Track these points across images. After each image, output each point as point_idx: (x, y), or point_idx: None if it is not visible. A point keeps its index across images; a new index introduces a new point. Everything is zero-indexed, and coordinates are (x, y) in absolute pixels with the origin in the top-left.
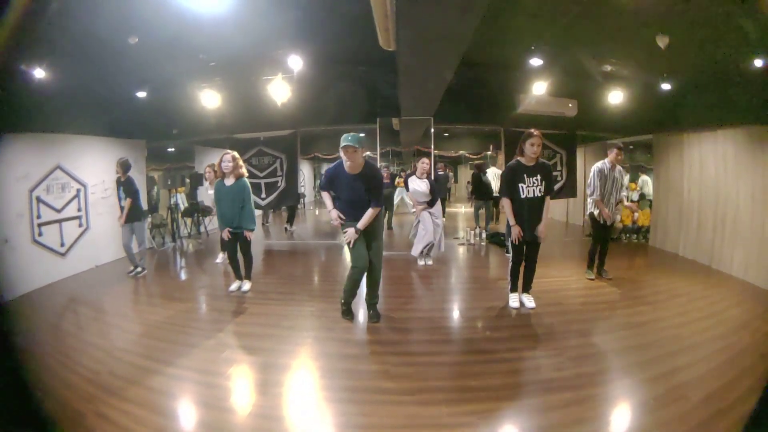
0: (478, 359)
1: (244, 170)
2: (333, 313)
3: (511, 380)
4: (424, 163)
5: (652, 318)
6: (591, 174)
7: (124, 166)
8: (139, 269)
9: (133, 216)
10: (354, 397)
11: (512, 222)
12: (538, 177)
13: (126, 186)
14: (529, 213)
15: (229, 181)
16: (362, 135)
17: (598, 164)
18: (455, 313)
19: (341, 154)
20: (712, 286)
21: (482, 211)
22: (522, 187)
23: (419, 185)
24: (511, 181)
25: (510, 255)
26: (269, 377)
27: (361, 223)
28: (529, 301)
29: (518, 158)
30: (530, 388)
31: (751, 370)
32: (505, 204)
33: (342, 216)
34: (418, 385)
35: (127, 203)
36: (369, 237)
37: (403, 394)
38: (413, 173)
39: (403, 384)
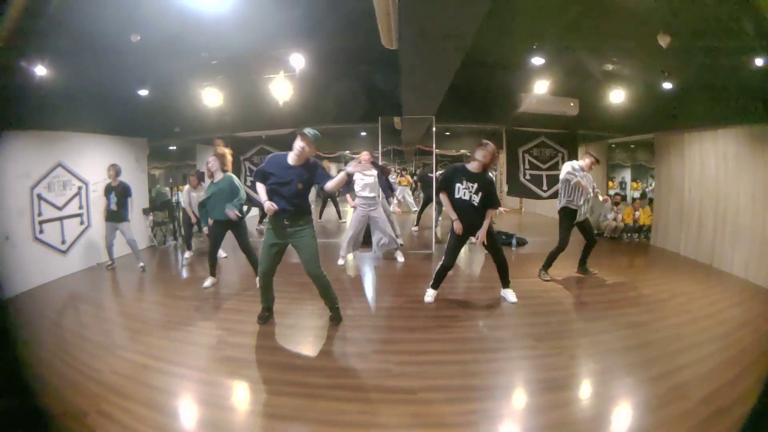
0: (479, 358)
1: (229, 166)
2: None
3: (513, 379)
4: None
5: (653, 317)
6: (563, 175)
7: (118, 171)
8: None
9: (121, 216)
10: (355, 395)
11: (453, 217)
12: (476, 185)
13: (120, 189)
14: (461, 214)
15: (218, 177)
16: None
17: (566, 166)
18: (457, 312)
19: (297, 142)
20: (713, 285)
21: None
22: (459, 187)
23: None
24: (449, 179)
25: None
26: (270, 375)
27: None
28: (511, 296)
29: (465, 163)
30: (532, 387)
31: (752, 369)
32: (443, 198)
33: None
34: (420, 383)
35: (115, 205)
36: (299, 240)
37: (404, 392)
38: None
39: (405, 383)
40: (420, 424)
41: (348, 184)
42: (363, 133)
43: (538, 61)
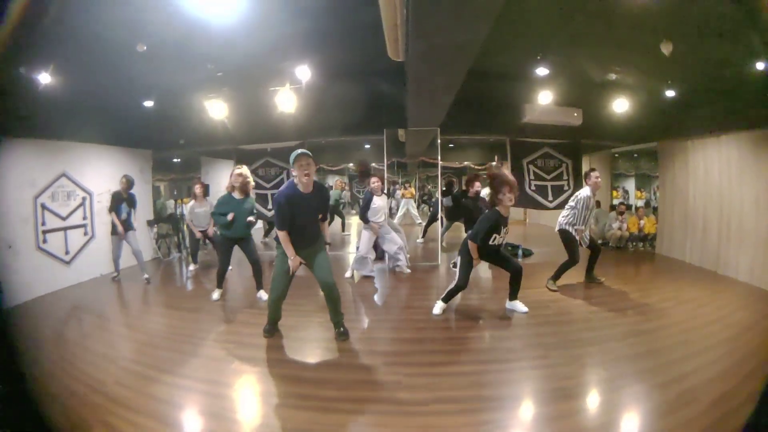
0: (490, 369)
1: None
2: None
3: (524, 389)
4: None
5: (660, 324)
6: (580, 202)
7: (131, 183)
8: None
9: (129, 226)
10: (367, 408)
11: (475, 256)
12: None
13: (130, 200)
14: (484, 253)
15: (238, 195)
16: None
17: (586, 193)
18: (466, 323)
19: (295, 171)
20: (719, 291)
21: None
22: (495, 236)
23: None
24: (490, 232)
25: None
26: (278, 388)
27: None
28: (521, 306)
29: (498, 208)
30: (543, 397)
31: (759, 371)
32: (473, 250)
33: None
34: (432, 395)
35: (126, 214)
36: (314, 254)
37: (416, 404)
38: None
39: (417, 394)
40: None
41: (365, 208)
42: (367, 146)
43: (542, 71)
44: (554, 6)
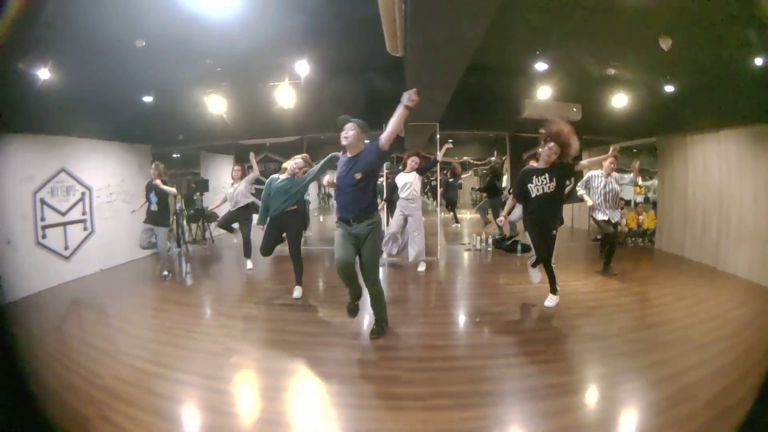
0: (488, 364)
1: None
2: (341, 319)
3: (522, 384)
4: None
5: (659, 320)
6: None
7: (161, 172)
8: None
9: (161, 220)
10: (365, 402)
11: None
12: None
13: (159, 191)
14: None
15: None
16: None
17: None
18: (465, 318)
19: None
20: (718, 287)
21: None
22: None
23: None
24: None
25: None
26: (277, 383)
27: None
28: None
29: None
30: (541, 392)
31: (757, 368)
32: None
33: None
34: (430, 390)
35: (156, 205)
36: (359, 240)
37: (414, 399)
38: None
39: (415, 389)
40: (430, 430)
41: (393, 190)
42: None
43: (541, 66)
44: (553, 1)
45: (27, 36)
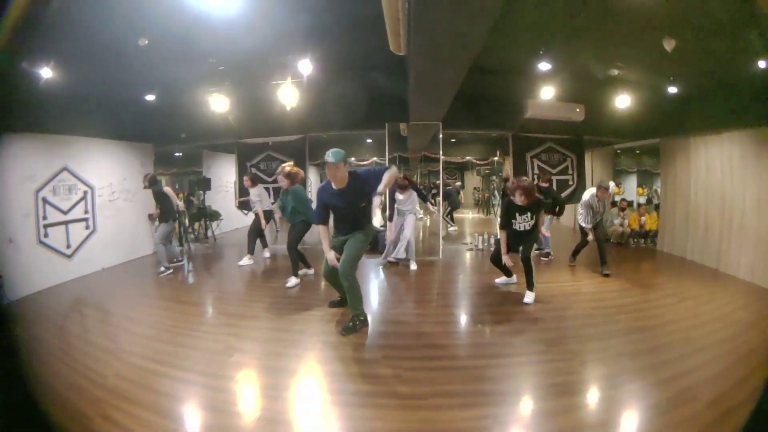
0: (490, 363)
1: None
2: (343, 318)
3: (524, 384)
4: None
5: (661, 321)
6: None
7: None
8: (166, 268)
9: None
10: (366, 401)
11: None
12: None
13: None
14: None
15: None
16: (342, 151)
17: (586, 196)
18: (467, 318)
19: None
20: (720, 289)
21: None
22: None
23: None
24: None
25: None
26: (279, 381)
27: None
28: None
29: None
30: (543, 392)
31: (759, 370)
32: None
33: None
34: (431, 389)
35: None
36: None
37: (416, 398)
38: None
39: (416, 388)
40: (431, 429)
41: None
42: (369, 140)
43: (544, 66)
44: (557, 1)
45: (29, 35)
